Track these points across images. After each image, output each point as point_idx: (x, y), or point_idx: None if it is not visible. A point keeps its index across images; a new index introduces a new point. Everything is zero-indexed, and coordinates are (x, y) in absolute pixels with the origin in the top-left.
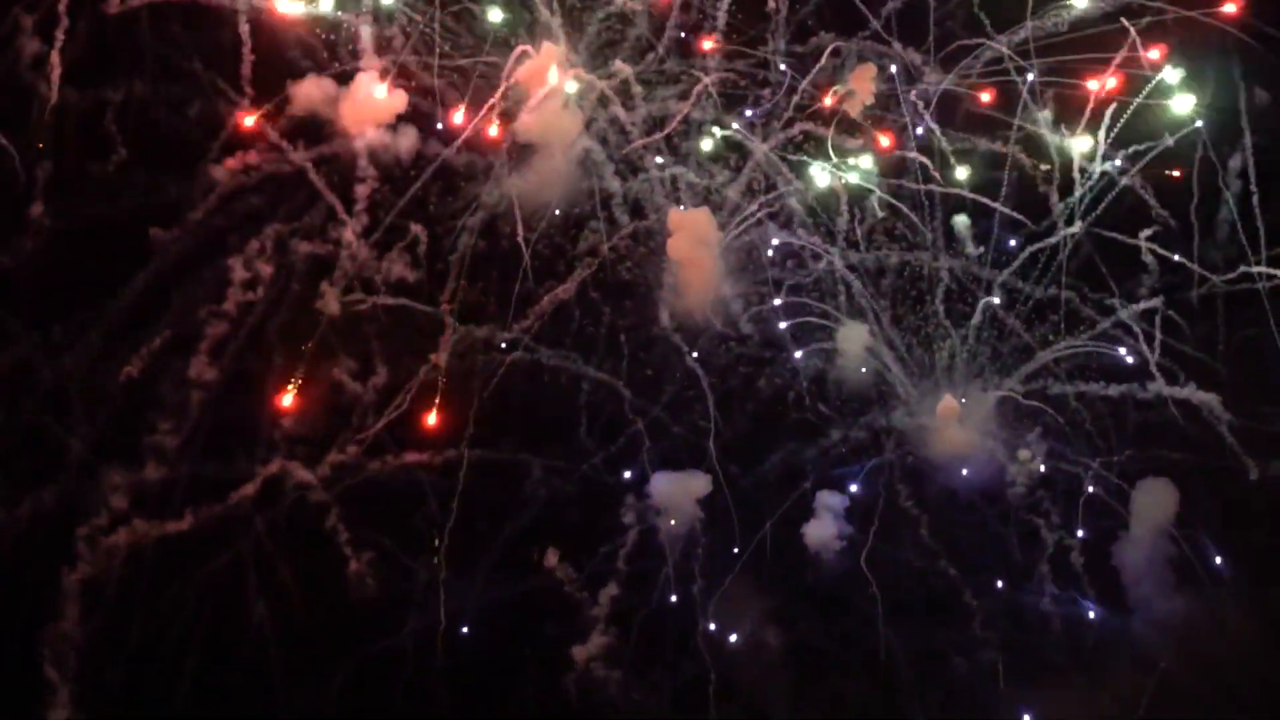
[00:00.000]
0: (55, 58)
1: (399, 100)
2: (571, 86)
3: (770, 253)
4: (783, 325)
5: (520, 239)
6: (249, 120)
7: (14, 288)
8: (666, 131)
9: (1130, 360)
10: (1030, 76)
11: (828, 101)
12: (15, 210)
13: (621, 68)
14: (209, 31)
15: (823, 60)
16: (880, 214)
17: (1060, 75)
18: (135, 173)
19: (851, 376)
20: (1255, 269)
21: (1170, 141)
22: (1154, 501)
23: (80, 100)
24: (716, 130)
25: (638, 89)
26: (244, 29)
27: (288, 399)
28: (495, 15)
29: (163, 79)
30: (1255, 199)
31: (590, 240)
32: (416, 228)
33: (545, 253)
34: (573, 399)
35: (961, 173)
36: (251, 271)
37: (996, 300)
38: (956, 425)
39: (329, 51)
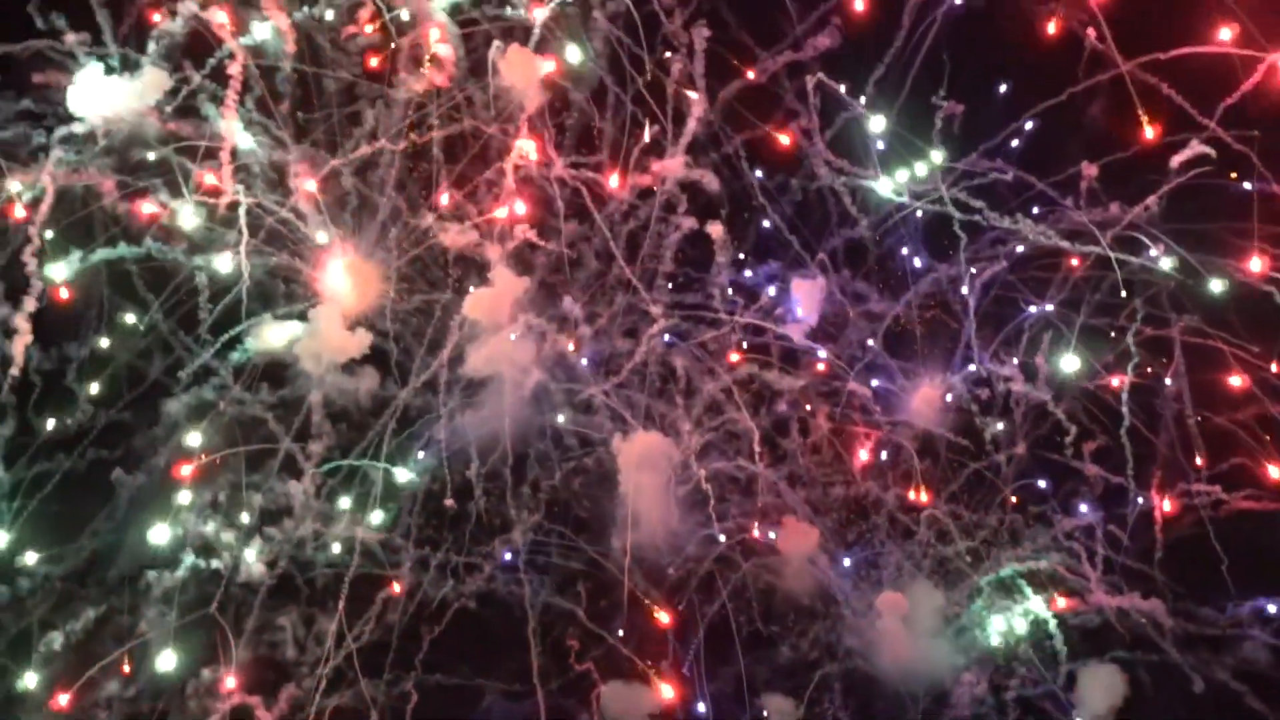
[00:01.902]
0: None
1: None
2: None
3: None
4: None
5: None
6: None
7: None
8: (618, 380)
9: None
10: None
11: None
12: None
13: (571, 306)
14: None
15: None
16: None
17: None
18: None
19: (797, 586)
20: (1193, 487)
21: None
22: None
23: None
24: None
25: (585, 329)
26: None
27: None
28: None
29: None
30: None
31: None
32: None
33: (496, 490)
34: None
35: None
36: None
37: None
38: (901, 624)
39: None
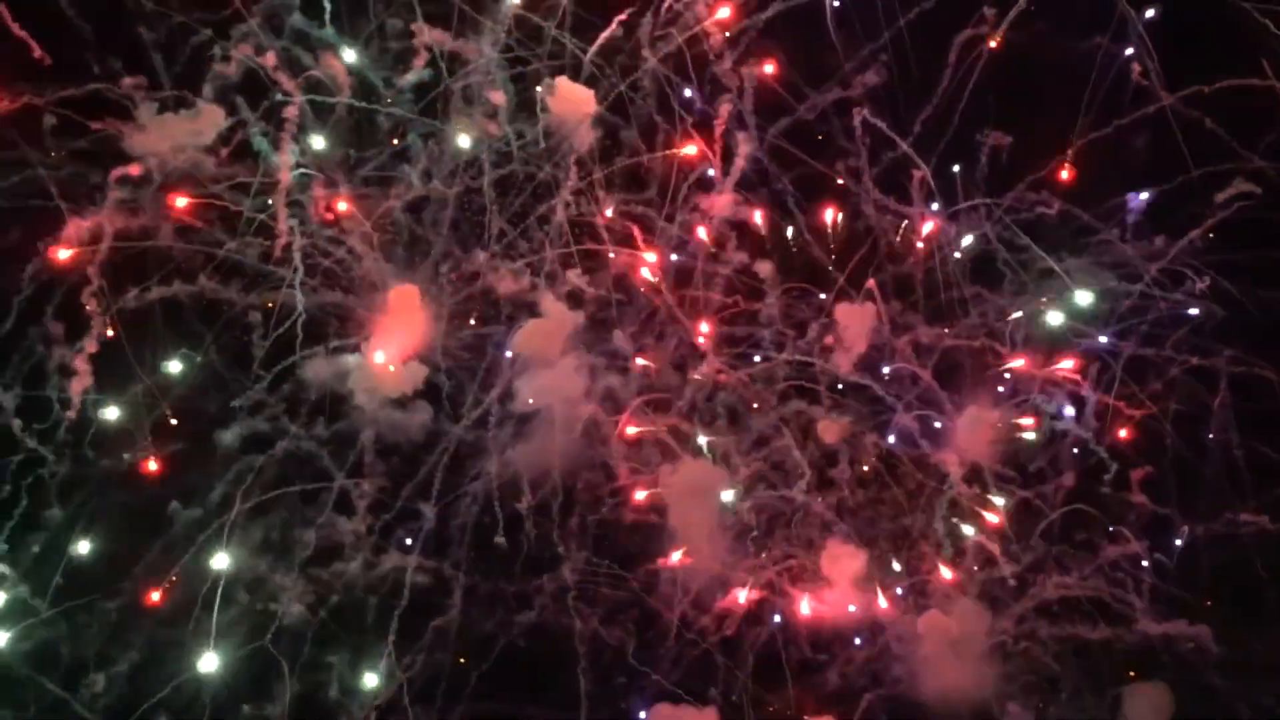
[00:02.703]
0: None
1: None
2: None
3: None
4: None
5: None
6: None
7: None
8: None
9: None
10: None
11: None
12: None
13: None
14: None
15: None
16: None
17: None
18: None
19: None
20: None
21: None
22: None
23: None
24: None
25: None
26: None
27: None
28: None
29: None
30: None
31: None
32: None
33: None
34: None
35: None
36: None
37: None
38: (947, 647)
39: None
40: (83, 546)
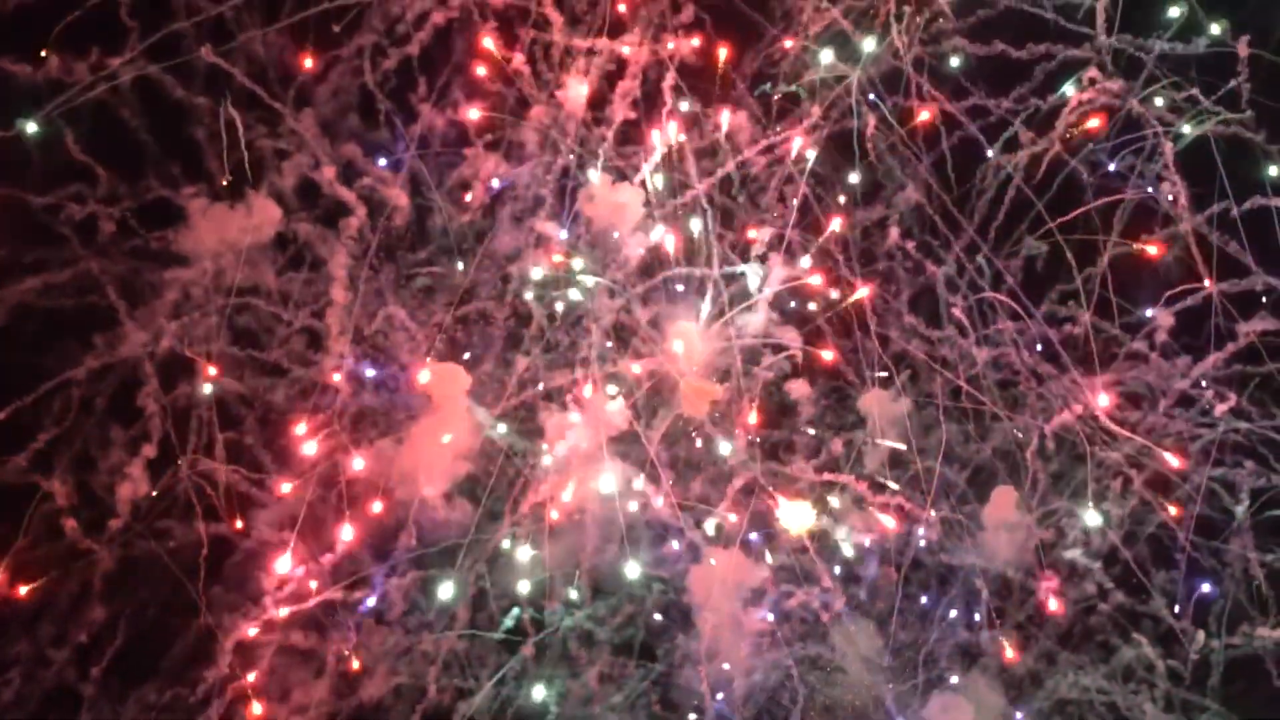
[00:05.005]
0: None
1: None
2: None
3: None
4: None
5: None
6: None
7: None
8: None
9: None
10: None
11: None
12: None
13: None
14: None
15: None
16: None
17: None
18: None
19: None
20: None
21: None
22: None
23: None
24: None
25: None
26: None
27: None
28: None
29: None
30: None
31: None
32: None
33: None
34: None
35: None
36: None
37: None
38: None
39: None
40: None
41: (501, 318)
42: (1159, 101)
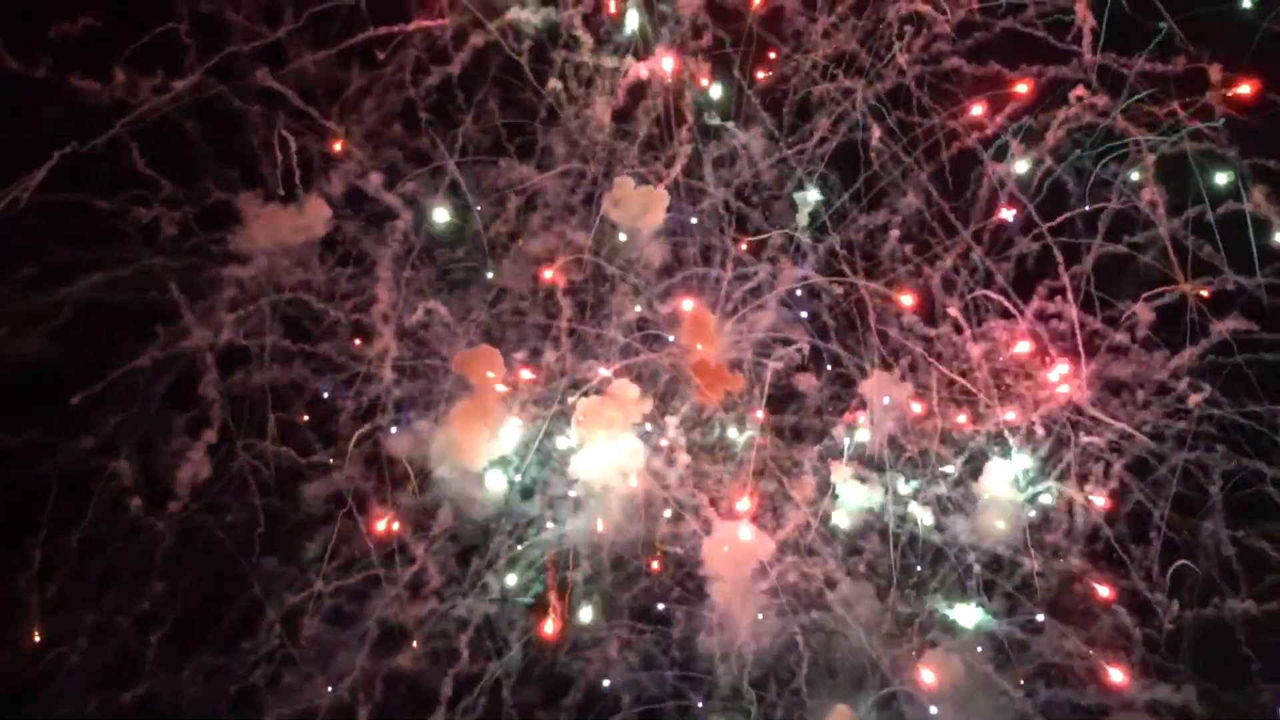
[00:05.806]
0: None
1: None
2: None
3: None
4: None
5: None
6: None
7: None
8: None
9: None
10: None
11: None
12: None
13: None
14: None
15: None
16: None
17: None
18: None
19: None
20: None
21: None
22: None
23: None
24: None
25: (685, 458)
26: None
27: None
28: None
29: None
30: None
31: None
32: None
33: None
34: None
35: None
36: None
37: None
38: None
39: None
40: None
41: (532, 313)
42: None
